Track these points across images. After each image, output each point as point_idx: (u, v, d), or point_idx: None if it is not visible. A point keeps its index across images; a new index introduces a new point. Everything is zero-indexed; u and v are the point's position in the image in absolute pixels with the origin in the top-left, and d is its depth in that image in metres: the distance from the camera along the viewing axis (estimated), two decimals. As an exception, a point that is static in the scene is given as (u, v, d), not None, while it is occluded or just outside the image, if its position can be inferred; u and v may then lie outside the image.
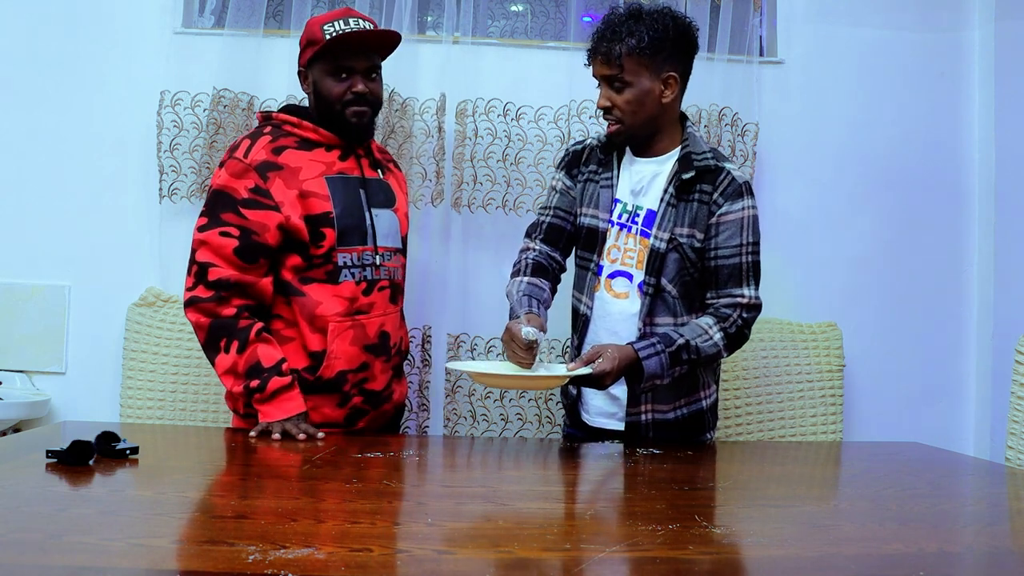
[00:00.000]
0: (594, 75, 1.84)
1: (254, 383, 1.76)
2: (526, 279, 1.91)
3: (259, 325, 1.80)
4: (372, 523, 1.11)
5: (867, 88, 2.69)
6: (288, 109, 1.96)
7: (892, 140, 2.69)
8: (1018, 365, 1.95)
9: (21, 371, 2.50)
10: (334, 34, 1.81)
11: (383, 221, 1.92)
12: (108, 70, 2.52)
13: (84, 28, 2.52)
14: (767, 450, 2.03)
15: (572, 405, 1.98)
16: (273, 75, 2.47)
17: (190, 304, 1.80)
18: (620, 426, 1.88)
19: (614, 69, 1.78)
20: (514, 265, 1.98)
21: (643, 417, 1.86)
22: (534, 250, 1.97)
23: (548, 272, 1.95)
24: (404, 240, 2.01)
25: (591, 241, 1.90)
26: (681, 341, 1.76)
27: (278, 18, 2.62)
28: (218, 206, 1.81)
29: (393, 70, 2.43)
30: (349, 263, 1.85)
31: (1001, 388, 2.38)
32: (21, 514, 1.12)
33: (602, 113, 1.85)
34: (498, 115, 2.52)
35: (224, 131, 2.44)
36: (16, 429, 2.35)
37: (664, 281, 1.82)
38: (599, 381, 1.70)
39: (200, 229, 1.81)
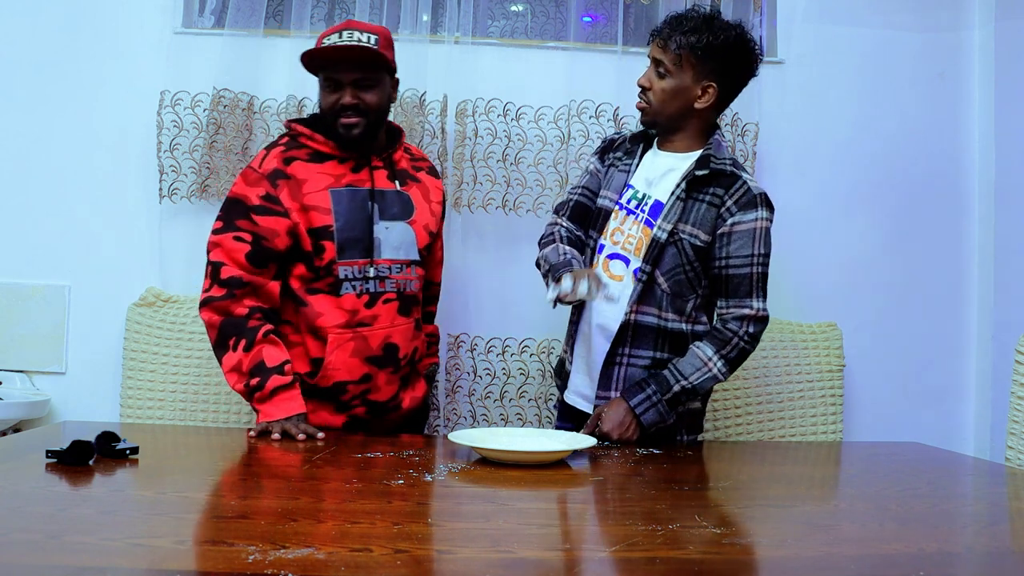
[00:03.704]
0: (648, 55, 1.88)
1: (254, 381, 1.78)
2: (565, 246, 1.91)
3: (268, 327, 1.84)
4: (372, 523, 1.11)
5: (867, 88, 2.68)
6: (313, 118, 1.98)
7: (892, 140, 2.69)
8: (1018, 365, 1.95)
9: (21, 371, 2.50)
10: (327, 47, 1.85)
11: (394, 234, 1.93)
12: (108, 70, 2.52)
13: (84, 28, 2.51)
14: (767, 450, 2.03)
15: (563, 384, 2.01)
16: (273, 75, 2.46)
17: (204, 304, 1.84)
18: (590, 408, 1.92)
19: (664, 55, 1.82)
20: (543, 237, 1.98)
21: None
22: (563, 226, 1.98)
23: (582, 251, 1.94)
24: (423, 252, 1.98)
25: (598, 219, 1.93)
26: (677, 388, 1.80)
27: (278, 18, 2.62)
28: (232, 212, 1.86)
29: (402, 71, 2.43)
30: (350, 276, 1.88)
31: (1001, 388, 2.38)
32: (21, 514, 1.12)
33: (639, 91, 1.88)
34: (498, 115, 2.52)
35: (224, 131, 2.44)
36: (16, 429, 2.35)
37: (658, 273, 1.83)
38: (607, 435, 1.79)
39: (215, 232, 1.87)
